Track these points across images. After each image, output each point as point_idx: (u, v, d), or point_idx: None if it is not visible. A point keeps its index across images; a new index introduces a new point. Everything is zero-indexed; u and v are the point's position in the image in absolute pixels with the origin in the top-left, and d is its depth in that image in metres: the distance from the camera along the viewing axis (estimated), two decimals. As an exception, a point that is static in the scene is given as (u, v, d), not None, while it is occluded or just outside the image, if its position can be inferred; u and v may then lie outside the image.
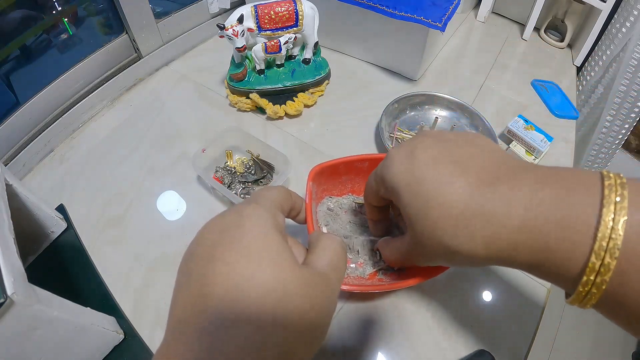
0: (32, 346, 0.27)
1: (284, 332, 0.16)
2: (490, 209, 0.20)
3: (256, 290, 0.16)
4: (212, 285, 0.17)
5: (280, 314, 0.16)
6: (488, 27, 0.80)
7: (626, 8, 0.65)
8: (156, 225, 0.45)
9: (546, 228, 0.18)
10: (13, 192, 0.36)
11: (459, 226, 0.21)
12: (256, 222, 0.19)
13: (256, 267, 0.17)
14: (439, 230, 0.21)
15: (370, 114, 0.57)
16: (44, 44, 0.54)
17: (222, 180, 0.47)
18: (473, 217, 0.20)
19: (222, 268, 0.17)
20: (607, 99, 0.71)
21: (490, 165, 0.22)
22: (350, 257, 0.38)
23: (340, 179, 0.42)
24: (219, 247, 0.18)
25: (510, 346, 0.36)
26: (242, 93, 0.56)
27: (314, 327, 0.18)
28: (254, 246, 0.18)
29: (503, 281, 0.40)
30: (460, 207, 0.21)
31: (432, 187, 0.22)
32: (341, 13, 0.61)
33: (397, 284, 0.35)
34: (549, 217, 0.18)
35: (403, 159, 0.24)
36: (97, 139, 0.55)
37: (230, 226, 0.19)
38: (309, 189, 0.36)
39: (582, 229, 0.17)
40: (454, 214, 0.21)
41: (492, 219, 0.20)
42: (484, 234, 0.20)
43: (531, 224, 0.19)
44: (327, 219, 0.41)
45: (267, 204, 0.22)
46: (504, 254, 0.20)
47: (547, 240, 0.18)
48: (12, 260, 0.26)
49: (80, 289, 0.40)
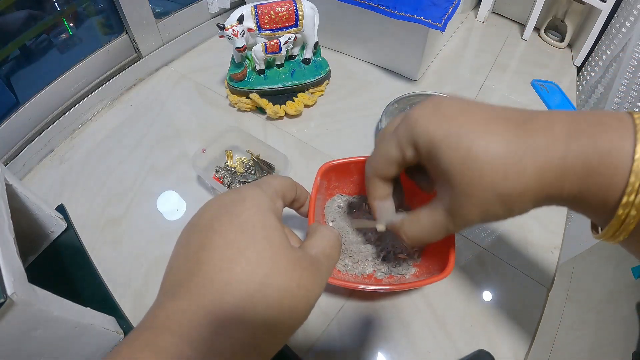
0: (32, 346, 0.27)
1: (268, 303, 0.17)
2: (534, 143, 0.20)
3: (248, 263, 0.17)
4: (208, 251, 0.18)
5: (268, 287, 0.17)
6: (488, 27, 0.80)
7: (626, 8, 0.65)
8: (156, 225, 0.45)
9: (589, 153, 0.19)
10: (13, 192, 0.36)
11: (509, 166, 0.20)
12: (255, 202, 0.20)
13: (250, 240, 0.18)
14: (488, 176, 0.21)
15: (370, 114, 0.57)
16: (44, 44, 0.54)
17: (222, 180, 0.47)
18: (521, 154, 0.20)
19: (219, 240, 0.18)
20: (607, 99, 0.71)
21: (512, 111, 0.22)
22: (352, 255, 0.38)
23: (351, 177, 0.42)
24: (217, 220, 0.19)
25: (510, 346, 0.36)
26: (242, 93, 0.56)
27: (297, 304, 0.18)
28: (250, 222, 0.19)
29: (503, 281, 0.40)
30: (506, 148, 0.21)
31: (471, 136, 0.21)
32: (341, 13, 0.61)
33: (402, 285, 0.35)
34: (590, 143, 0.19)
35: (430, 116, 0.23)
36: (97, 139, 0.55)
37: (230, 203, 0.20)
38: (316, 184, 0.37)
39: (620, 152, 0.18)
40: (501, 156, 0.20)
41: (539, 150, 0.20)
42: (534, 166, 0.20)
43: (575, 149, 0.19)
44: (335, 215, 0.41)
45: (269, 189, 0.22)
46: (553, 187, 0.20)
47: (590, 165, 0.19)
48: (12, 260, 0.26)
49: (80, 289, 0.40)
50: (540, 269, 0.41)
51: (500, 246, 0.43)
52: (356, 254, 0.38)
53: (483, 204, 0.22)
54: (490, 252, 0.43)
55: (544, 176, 0.20)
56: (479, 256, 0.42)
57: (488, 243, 0.43)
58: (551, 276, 0.41)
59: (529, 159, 0.20)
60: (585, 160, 0.19)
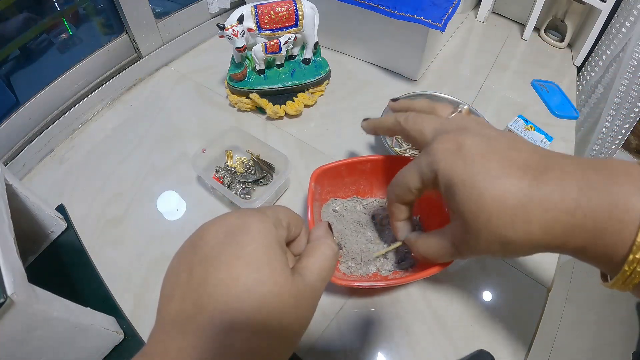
0: (32, 346, 0.27)
1: (273, 340, 0.18)
2: (545, 196, 0.21)
3: (255, 300, 0.18)
4: (214, 287, 0.18)
5: (273, 325, 0.18)
6: (488, 27, 0.80)
7: (626, 8, 0.65)
8: (156, 225, 0.45)
9: (598, 209, 0.20)
10: (13, 192, 0.36)
11: (517, 215, 0.22)
12: (261, 232, 0.20)
13: (257, 277, 0.18)
14: (495, 221, 0.22)
15: (370, 114, 0.57)
16: (44, 44, 0.54)
17: (222, 180, 0.47)
18: (531, 205, 0.21)
19: (225, 274, 0.18)
20: (607, 99, 0.71)
21: (531, 156, 0.23)
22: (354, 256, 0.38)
23: (343, 180, 0.42)
24: (224, 249, 0.19)
25: (510, 346, 0.36)
26: (242, 93, 0.56)
27: (296, 335, 0.20)
28: (256, 256, 0.19)
29: (503, 281, 0.40)
30: (516, 198, 0.22)
31: (486, 183, 0.23)
32: (341, 13, 0.61)
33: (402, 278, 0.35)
34: (600, 199, 0.20)
35: (452, 156, 0.25)
36: (97, 139, 0.55)
37: (237, 230, 0.19)
38: (311, 190, 0.37)
39: (629, 209, 0.19)
40: (510, 205, 0.22)
41: (550, 205, 0.21)
42: (542, 219, 0.21)
43: (585, 206, 0.20)
44: (332, 219, 0.41)
45: (273, 216, 0.22)
46: (557, 240, 0.21)
47: (598, 222, 0.20)
48: (12, 260, 0.26)
49: (80, 289, 0.40)
50: (540, 269, 0.41)
51: (500, 246, 0.43)
52: (358, 255, 0.38)
53: (487, 245, 0.24)
54: (490, 252, 0.43)
55: (551, 230, 0.21)
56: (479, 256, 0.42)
57: (488, 243, 0.43)
58: (551, 276, 0.41)
59: (537, 212, 0.21)
60: (595, 219, 0.20)
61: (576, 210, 0.20)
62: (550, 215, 0.21)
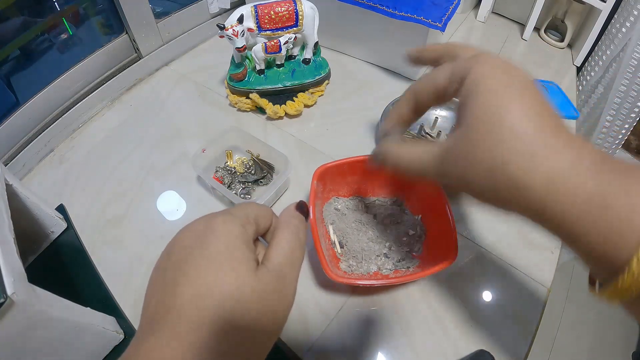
0: (32, 346, 0.27)
1: (240, 334, 0.18)
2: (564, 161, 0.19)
3: (218, 296, 0.18)
4: (181, 287, 0.19)
5: (237, 319, 0.18)
6: (488, 27, 0.80)
7: (626, 8, 0.65)
8: (156, 225, 0.45)
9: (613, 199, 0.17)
10: (13, 192, 0.36)
11: (529, 152, 0.19)
12: (224, 232, 0.20)
13: (219, 274, 0.19)
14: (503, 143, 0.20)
15: (370, 114, 0.57)
16: (44, 44, 0.54)
17: (222, 180, 0.47)
18: (544, 152, 0.19)
19: (193, 274, 0.19)
20: (607, 99, 0.71)
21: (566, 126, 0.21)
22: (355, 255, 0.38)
23: (345, 179, 0.42)
24: (192, 252, 0.20)
25: (510, 346, 0.36)
26: (242, 93, 0.56)
27: (266, 328, 0.20)
28: (218, 254, 0.19)
29: (503, 281, 0.40)
30: (537, 142, 0.19)
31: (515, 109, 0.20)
32: (341, 13, 0.61)
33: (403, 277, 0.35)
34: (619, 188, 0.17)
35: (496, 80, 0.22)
36: (97, 139, 0.55)
37: (202, 233, 0.21)
38: (314, 188, 0.37)
39: None
40: (527, 138, 0.19)
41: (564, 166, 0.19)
42: (550, 174, 0.19)
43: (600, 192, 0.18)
44: (334, 218, 0.41)
45: (240, 213, 0.22)
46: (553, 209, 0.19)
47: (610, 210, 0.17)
48: (12, 260, 0.26)
49: (80, 289, 0.40)
50: (540, 269, 0.41)
51: (500, 246, 0.43)
52: (359, 253, 0.38)
53: (476, 162, 0.21)
54: (490, 252, 0.43)
55: (555, 192, 0.19)
56: (479, 256, 0.42)
57: (488, 243, 0.43)
58: (551, 276, 0.41)
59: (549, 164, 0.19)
60: (605, 195, 0.17)
61: (589, 189, 0.18)
62: (560, 177, 0.18)
